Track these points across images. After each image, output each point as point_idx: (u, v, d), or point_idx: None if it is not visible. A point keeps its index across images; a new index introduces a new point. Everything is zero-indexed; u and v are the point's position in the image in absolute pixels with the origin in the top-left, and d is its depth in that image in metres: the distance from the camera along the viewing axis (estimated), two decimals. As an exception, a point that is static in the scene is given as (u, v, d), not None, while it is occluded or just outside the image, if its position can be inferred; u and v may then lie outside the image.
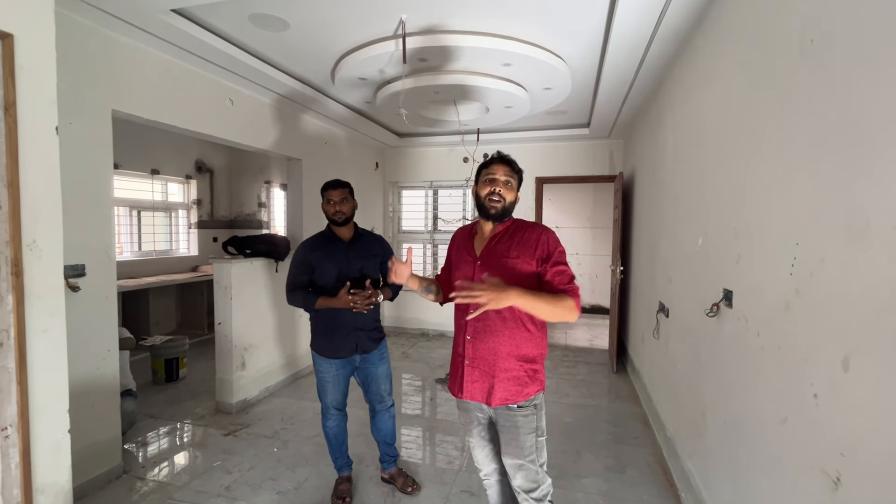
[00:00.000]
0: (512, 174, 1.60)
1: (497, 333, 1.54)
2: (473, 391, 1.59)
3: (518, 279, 1.48)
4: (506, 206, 1.58)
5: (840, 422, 1.05)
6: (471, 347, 1.59)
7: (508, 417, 1.56)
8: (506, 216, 1.61)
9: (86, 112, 2.30)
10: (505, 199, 1.58)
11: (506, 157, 1.62)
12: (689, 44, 2.38)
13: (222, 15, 2.37)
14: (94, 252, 2.36)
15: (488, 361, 1.56)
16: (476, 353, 1.58)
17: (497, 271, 1.50)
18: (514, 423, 1.55)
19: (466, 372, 1.59)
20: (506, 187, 1.58)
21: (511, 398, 1.54)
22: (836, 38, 1.10)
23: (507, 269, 1.52)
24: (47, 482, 1.54)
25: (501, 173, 1.59)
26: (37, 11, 1.48)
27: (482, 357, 1.57)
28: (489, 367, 1.56)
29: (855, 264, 1.00)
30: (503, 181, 1.58)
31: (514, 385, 1.54)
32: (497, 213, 1.58)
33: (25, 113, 1.44)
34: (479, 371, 1.58)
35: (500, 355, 1.54)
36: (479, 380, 1.58)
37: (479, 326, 1.56)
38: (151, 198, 5.33)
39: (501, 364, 1.54)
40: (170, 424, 3.15)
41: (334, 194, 2.15)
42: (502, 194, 1.57)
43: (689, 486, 2.16)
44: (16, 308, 1.42)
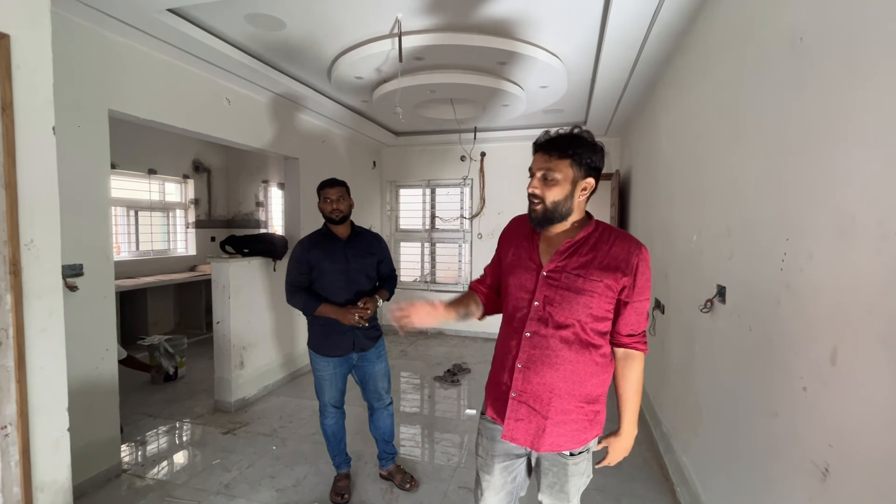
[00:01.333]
0: (552, 162, 1.18)
1: (557, 366, 1.22)
2: (516, 431, 1.26)
3: (591, 309, 1.19)
4: (547, 207, 1.20)
5: (828, 414, 1.07)
6: (521, 378, 1.25)
7: (557, 462, 1.28)
8: (553, 220, 1.22)
9: (82, 112, 2.30)
10: (545, 200, 1.19)
11: (540, 140, 1.21)
12: (683, 42, 2.40)
13: (218, 14, 2.38)
14: (91, 252, 2.36)
15: (542, 400, 1.23)
16: (527, 386, 1.24)
17: (568, 292, 1.20)
18: (564, 470, 1.28)
19: (511, 407, 1.26)
20: (544, 184, 1.19)
21: (565, 444, 1.25)
22: (825, 37, 1.11)
23: (581, 293, 1.19)
24: (47, 480, 1.55)
25: (538, 165, 1.21)
26: (33, 12, 1.48)
27: (534, 393, 1.24)
28: (542, 406, 1.23)
29: (842, 260, 1.02)
30: (540, 176, 1.20)
31: (570, 430, 1.24)
32: (537, 219, 1.22)
33: (22, 113, 1.44)
34: (527, 408, 1.25)
35: (557, 394, 1.22)
36: (525, 418, 1.25)
37: (537, 355, 1.23)
38: (149, 197, 5.33)
39: (558, 405, 1.22)
40: (169, 423, 3.16)
41: (331, 192, 2.16)
42: (539, 194, 1.20)
43: (685, 479, 2.18)
44: (14, 307, 1.43)
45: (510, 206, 5.30)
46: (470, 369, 4.32)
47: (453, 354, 4.83)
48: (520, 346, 1.26)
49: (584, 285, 1.18)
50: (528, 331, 1.24)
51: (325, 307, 2.12)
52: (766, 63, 1.44)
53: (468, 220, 5.61)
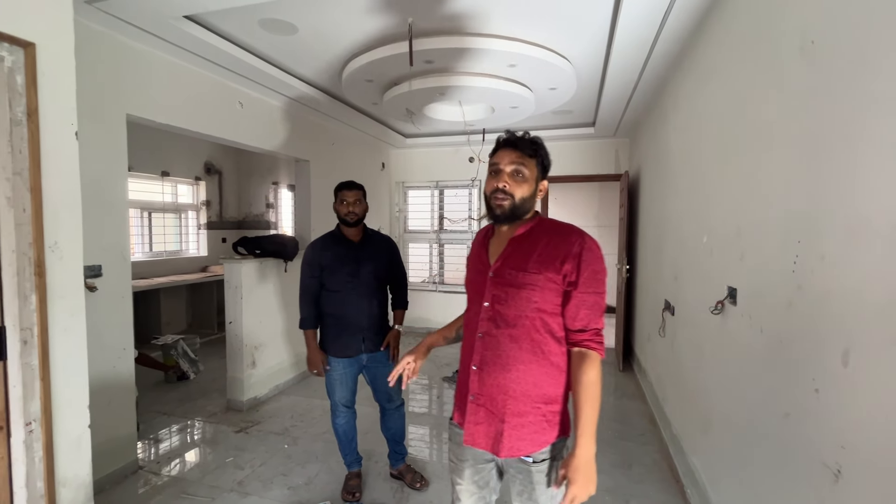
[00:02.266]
0: (523, 159, 1.20)
1: (509, 367, 1.19)
2: (476, 435, 1.24)
3: (536, 302, 1.17)
4: (515, 203, 1.19)
5: (840, 415, 1.07)
6: (477, 381, 1.24)
7: (521, 470, 1.24)
8: (518, 216, 1.23)
9: (102, 117, 2.36)
10: (513, 196, 1.19)
11: (512, 139, 1.23)
12: (693, 43, 2.40)
13: (233, 20, 2.42)
14: (109, 253, 2.42)
15: (497, 402, 1.21)
16: (483, 388, 1.23)
17: (510, 288, 1.19)
18: (529, 478, 1.22)
19: (470, 410, 1.25)
20: (514, 180, 1.19)
21: (524, 448, 1.20)
22: (837, 39, 1.12)
23: (522, 288, 1.17)
24: (69, 475, 1.59)
25: (507, 161, 1.20)
26: (57, 20, 1.53)
27: (489, 395, 1.22)
28: (498, 409, 1.21)
29: (855, 261, 1.03)
30: (509, 171, 1.20)
31: (529, 433, 1.20)
32: (504, 215, 1.21)
33: (47, 119, 1.49)
34: (485, 411, 1.23)
35: (512, 395, 1.20)
36: (483, 422, 1.23)
37: (489, 356, 1.22)
38: (162, 199, 5.41)
39: (513, 407, 1.19)
40: (182, 422, 3.21)
41: (349, 195, 2.18)
42: (508, 190, 1.19)
43: (695, 482, 2.18)
44: (39, 307, 1.47)
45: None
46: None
47: (462, 355, 4.84)
48: (474, 348, 1.25)
49: (525, 279, 1.17)
50: (480, 331, 1.24)
51: (309, 336, 2.21)
52: (776, 65, 1.44)
53: (476, 221, 5.62)
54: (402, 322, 2.38)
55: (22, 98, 1.42)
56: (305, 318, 2.22)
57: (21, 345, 1.45)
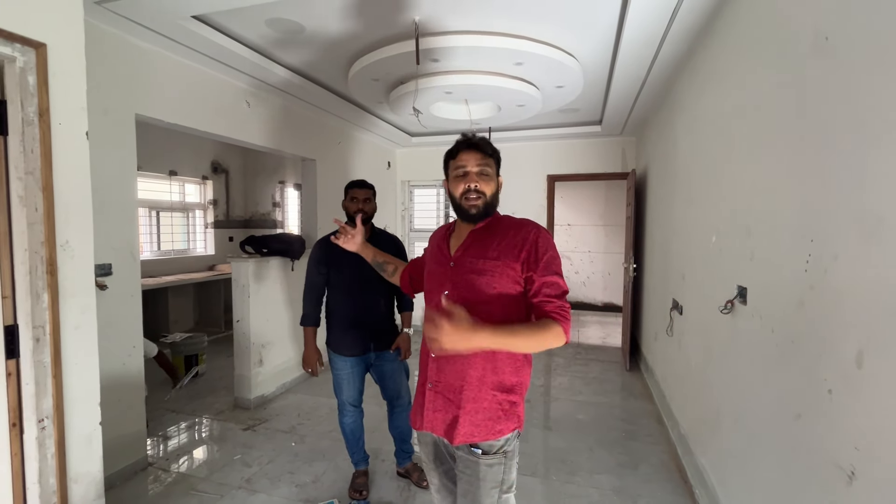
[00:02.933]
0: (486, 159, 1.27)
1: (467, 355, 1.22)
2: (434, 421, 1.29)
3: (496, 287, 1.22)
4: (488, 201, 1.27)
5: (854, 417, 1.06)
6: (435, 368, 1.29)
7: (469, 463, 1.24)
8: (489, 213, 1.31)
9: (111, 117, 2.38)
10: (485, 194, 1.26)
11: (474, 140, 1.29)
12: (703, 41, 2.38)
13: (241, 20, 2.43)
14: (119, 252, 2.44)
15: (454, 388, 1.25)
16: (441, 375, 1.28)
17: (471, 275, 1.24)
18: (475, 473, 1.23)
19: (428, 398, 1.30)
20: (482, 179, 1.26)
21: (478, 434, 1.23)
22: (851, 36, 1.10)
23: (483, 274, 1.23)
24: (81, 472, 1.61)
25: (473, 163, 1.25)
26: (68, 21, 1.54)
27: (447, 382, 1.27)
28: (455, 394, 1.25)
29: (869, 261, 1.01)
30: (477, 172, 1.25)
31: (483, 419, 1.23)
32: (479, 213, 1.28)
33: (58, 119, 1.51)
34: (443, 399, 1.27)
35: (469, 381, 1.23)
36: (441, 409, 1.27)
37: None
38: (169, 198, 5.45)
39: (470, 392, 1.23)
40: (190, 419, 3.24)
41: (359, 193, 2.19)
42: (480, 189, 1.25)
43: (703, 482, 2.16)
44: (51, 305, 1.49)
45: (523, 206, 5.29)
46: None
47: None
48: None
49: (485, 266, 1.24)
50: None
51: (307, 333, 2.24)
52: (789, 62, 1.42)
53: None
54: (411, 325, 2.39)
55: (34, 98, 1.44)
56: (307, 315, 2.24)
57: (33, 343, 1.46)
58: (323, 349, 2.32)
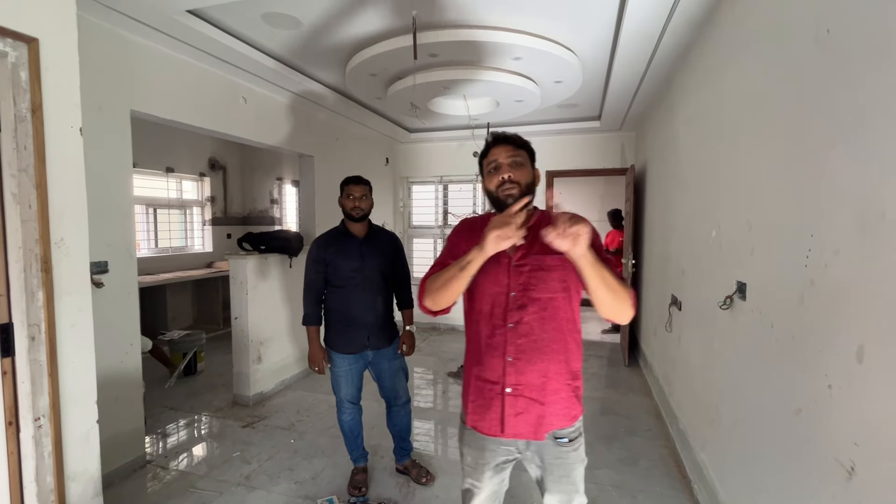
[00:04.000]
0: (517, 150, 1.28)
1: (546, 351, 1.24)
2: (518, 426, 1.26)
3: (566, 281, 1.23)
4: (522, 189, 1.24)
5: (854, 412, 1.05)
6: (514, 372, 1.25)
7: (558, 454, 1.30)
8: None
9: (106, 113, 2.36)
10: (521, 183, 1.24)
11: (501, 136, 1.31)
12: (702, 34, 2.36)
13: (236, 14, 2.40)
14: (115, 249, 2.43)
15: (537, 387, 1.25)
16: (521, 377, 1.25)
17: (540, 272, 1.24)
18: (566, 460, 1.30)
19: (508, 403, 1.26)
20: (516, 169, 1.25)
21: (558, 423, 1.28)
22: (854, 28, 1.09)
23: (552, 270, 1.23)
24: (78, 470, 1.61)
25: (504, 155, 1.26)
26: (60, 16, 1.52)
27: (529, 383, 1.25)
28: (539, 393, 1.25)
29: (870, 256, 1.00)
30: (509, 163, 1.25)
31: (562, 409, 1.28)
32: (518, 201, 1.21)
33: (51, 115, 1.49)
34: (524, 400, 1.26)
35: (550, 377, 1.25)
36: (524, 410, 1.26)
37: (525, 344, 1.24)
38: (167, 195, 5.42)
39: (552, 386, 1.25)
40: (189, 416, 3.24)
41: (355, 190, 2.17)
42: (515, 178, 1.24)
43: (702, 477, 2.17)
44: (46, 304, 1.48)
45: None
46: (483, 365, 4.32)
47: (467, 350, 4.84)
48: (506, 340, 1.25)
49: (554, 261, 1.23)
50: (511, 322, 1.25)
51: (311, 332, 2.21)
52: (790, 55, 1.41)
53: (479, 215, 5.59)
54: (413, 321, 2.39)
55: (26, 94, 1.42)
56: (308, 315, 2.22)
57: (29, 341, 1.45)
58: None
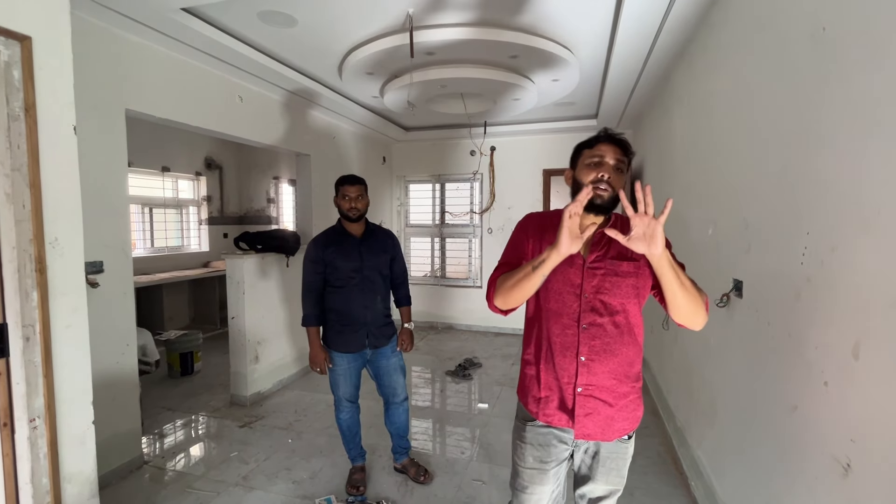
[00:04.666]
0: (624, 158, 1.24)
1: (616, 352, 1.25)
2: (587, 427, 1.26)
3: (639, 289, 1.24)
4: (614, 196, 1.21)
5: (850, 409, 1.06)
6: (585, 372, 1.25)
7: (617, 449, 1.31)
8: (612, 209, 1.25)
9: (100, 112, 2.34)
10: (614, 188, 1.21)
11: (616, 137, 1.26)
12: (698, 32, 2.36)
13: (232, 13, 2.39)
14: (111, 249, 2.41)
15: (607, 389, 1.25)
16: (592, 378, 1.25)
17: (614, 277, 1.23)
18: (623, 455, 1.32)
19: (579, 403, 1.26)
20: (617, 174, 1.22)
21: (627, 427, 1.29)
22: (850, 25, 1.09)
23: (627, 276, 1.23)
24: (74, 472, 1.60)
25: (612, 156, 1.22)
26: (54, 14, 1.51)
27: (599, 384, 1.25)
28: (608, 395, 1.25)
29: (867, 253, 1.01)
30: (613, 165, 1.21)
31: (629, 413, 1.28)
32: (604, 204, 1.21)
33: (45, 114, 1.48)
34: (594, 401, 1.26)
35: (619, 379, 1.26)
36: (594, 411, 1.26)
37: (598, 346, 1.24)
38: (163, 195, 5.40)
39: (622, 389, 1.26)
40: (186, 417, 3.22)
41: (351, 190, 2.15)
42: (612, 182, 1.20)
43: (699, 474, 2.17)
44: (40, 304, 1.47)
45: (520, 201, 5.28)
46: (481, 364, 4.33)
47: (464, 349, 4.84)
48: (579, 340, 1.25)
49: (629, 268, 1.23)
50: (585, 323, 1.25)
51: (312, 333, 2.19)
52: (786, 53, 1.41)
53: (478, 215, 5.60)
54: (410, 319, 2.39)
55: (19, 93, 1.41)
56: (308, 316, 2.20)
57: (23, 342, 1.44)
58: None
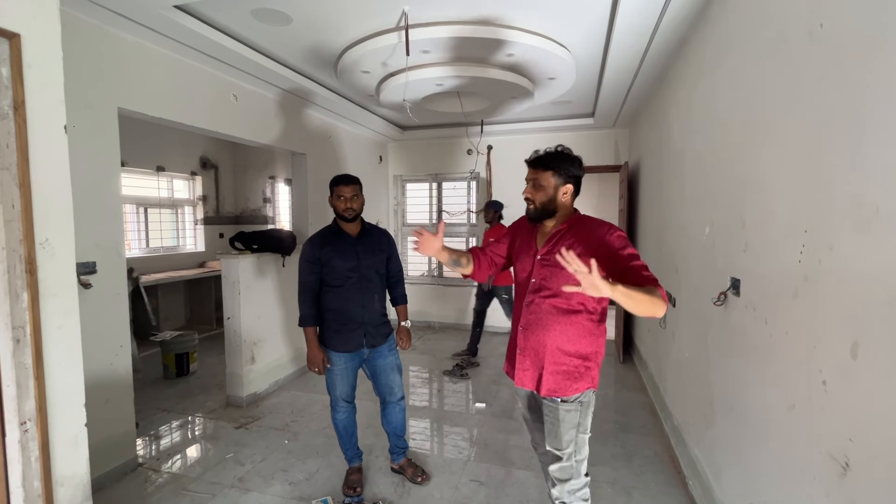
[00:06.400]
0: (537, 173, 1.59)
1: (547, 328, 1.57)
2: (524, 379, 1.65)
3: (570, 281, 1.39)
4: (538, 207, 1.59)
5: (848, 408, 1.05)
6: (523, 337, 1.64)
7: (551, 409, 1.60)
8: (544, 216, 1.61)
9: (92, 110, 2.32)
10: (535, 201, 1.60)
11: (529, 158, 1.63)
12: (695, 30, 2.36)
13: (225, 10, 2.37)
14: (104, 249, 2.39)
15: (538, 353, 1.60)
16: (527, 343, 1.63)
17: (555, 268, 1.52)
18: (556, 416, 1.58)
19: (518, 360, 1.66)
20: (533, 188, 1.60)
21: (559, 391, 1.57)
22: (847, 22, 1.08)
23: (564, 269, 1.34)
24: (66, 475, 1.58)
25: (529, 175, 1.62)
26: (43, 11, 1.48)
27: (532, 348, 1.62)
28: (538, 358, 1.60)
29: (864, 251, 1.00)
30: (530, 183, 1.61)
31: (563, 379, 1.57)
32: (533, 216, 1.63)
33: (35, 112, 1.45)
34: (528, 360, 1.63)
35: (549, 349, 1.57)
36: (529, 368, 1.64)
37: (531, 319, 1.61)
38: (157, 194, 5.36)
39: (550, 357, 1.57)
40: (182, 418, 3.20)
41: (345, 190, 2.13)
42: (531, 197, 1.60)
43: (697, 473, 2.17)
44: (31, 305, 1.44)
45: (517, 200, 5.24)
46: (479, 363, 4.32)
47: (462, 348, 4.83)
48: (521, 312, 1.65)
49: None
50: (527, 301, 1.63)
51: (309, 333, 2.17)
52: (783, 50, 1.40)
53: (475, 214, 5.59)
54: (407, 317, 2.39)
55: (8, 91, 1.38)
56: (305, 316, 2.18)
57: (13, 343, 1.42)
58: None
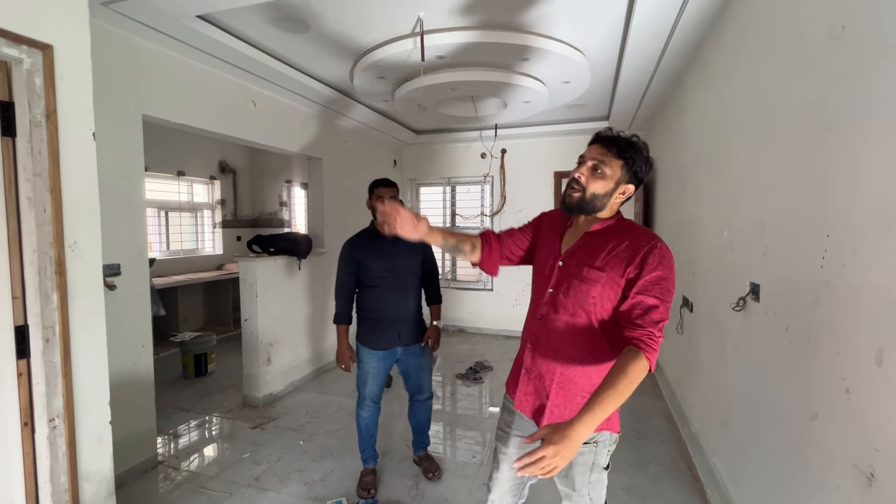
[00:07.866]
0: (607, 157, 1.19)
1: (560, 351, 1.24)
2: (524, 404, 1.33)
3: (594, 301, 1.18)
4: (585, 197, 1.20)
5: (873, 416, 1.03)
6: (530, 357, 1.31)
7: None
8: (586, 211, 1.23)
9: (118, 117, 2.39)
10: (585, 190, 1.20)
11: (604, 135, 1.22)
12: (712, 32, 2.33)
13: (245, 19, 2.43)
14: (128, 252, 2.46)
15: (544, 380, 1.27)
16: (534, 364, 1.30)
17: (574, 280, 1.21)
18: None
19: (522, 380, 1.34)
20: (591, 173, 1.20)
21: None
22: (869, 23, 1.07)
23: (584, 282, 1.19)
24: (91, 470, 1.63)
25: (591, 154, 1.21)
26: (74, 23, 1.54)
27: (539, 372, 1.29)
28: (544, 386, 1.28)
29: (889, 255, 0.98)
30: (590, 165, 1.20)
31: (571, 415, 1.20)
32: (571, 205, 1.22)
33: (65, 120, 1.51)
34: (533, 385, 1.31)
35: (558, 379, 1.25)
36: (532, 393, 1.31)
37: (543, 337, 1.28)
38: (178, 198, 5.49)
39: (559, 388, 1.25)
40: (200, 417, 3.26)
41: (385, 192, 2.23)
42: (582, 182, 1.20)
43: (715, 481, 2.13)
44: (60, 306, 1.50)
45: (531, 203, 5.25)
46: (492, 367, 4.31)
47: (475, 352, 4.83)
48: (532, 326, 1.32)
49: (589, 274, 1.19)
50: (540, 314, 1.29)
51: (341, 331, 2.28)
52: (803, 52, 1.38)
53: (489, 218, 5.59)
54: (440, 317, 2.44)
55: (41, 100, 1.44)
56: (340, 314, 2.28)
57: (43, 343, 1.48)
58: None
